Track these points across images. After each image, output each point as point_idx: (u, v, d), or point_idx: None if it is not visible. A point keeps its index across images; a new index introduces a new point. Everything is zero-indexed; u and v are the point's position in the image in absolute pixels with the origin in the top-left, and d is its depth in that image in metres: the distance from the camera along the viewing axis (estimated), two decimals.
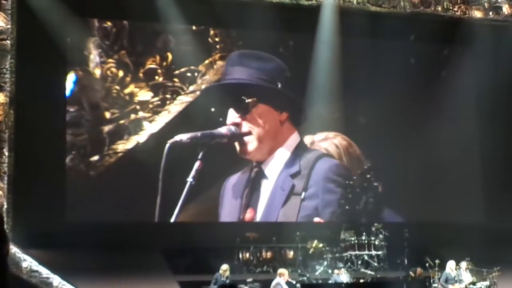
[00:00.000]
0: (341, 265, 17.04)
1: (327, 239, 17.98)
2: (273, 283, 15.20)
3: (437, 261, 16.37)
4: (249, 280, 15.86)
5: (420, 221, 18.78)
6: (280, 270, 15.56)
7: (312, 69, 18.95)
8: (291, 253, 18.08)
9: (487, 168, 20.39)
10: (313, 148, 18.10)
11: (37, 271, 14.61)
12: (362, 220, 17.97)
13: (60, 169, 17.04)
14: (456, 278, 15.93)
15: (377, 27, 18.77)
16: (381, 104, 19.01)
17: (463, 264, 16.14)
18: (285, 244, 18.08)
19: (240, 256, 17.50)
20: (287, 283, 15.23)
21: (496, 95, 19.80)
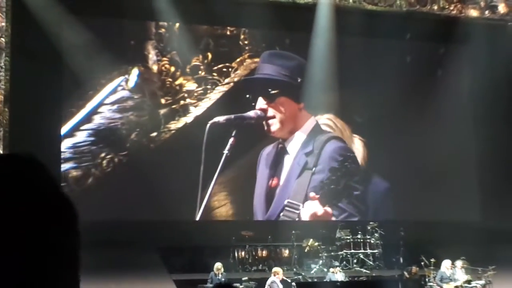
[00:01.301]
0: (336, 263, 17.01)
1: (322, 238, 18.00)
2: (268, 281, 15.20)
3: (432, 259, 16.39)
4: (245, 278, 15.85)
5: (415, 220, 18.76)
6: (275, 269, 15.58)
7: (308, 67, 19.03)
8: (286, 252, 18.08)
9: (482, 166, 20.36)
10: (325, 131, 20.02)
11: None
12: (342, 200, 19.45)
13: (57, 167, 17.01)
14: (451, 277, 15.95)
15: (373, 25, 18.76)
16: (376, 103, 19.03)
17: (459, 263, 16.14)
18: (281, 242, 18.12)
19: (236, 254, 17.51)
20: (282, 281, 15.24)
21: (491, 94, 19.77)
